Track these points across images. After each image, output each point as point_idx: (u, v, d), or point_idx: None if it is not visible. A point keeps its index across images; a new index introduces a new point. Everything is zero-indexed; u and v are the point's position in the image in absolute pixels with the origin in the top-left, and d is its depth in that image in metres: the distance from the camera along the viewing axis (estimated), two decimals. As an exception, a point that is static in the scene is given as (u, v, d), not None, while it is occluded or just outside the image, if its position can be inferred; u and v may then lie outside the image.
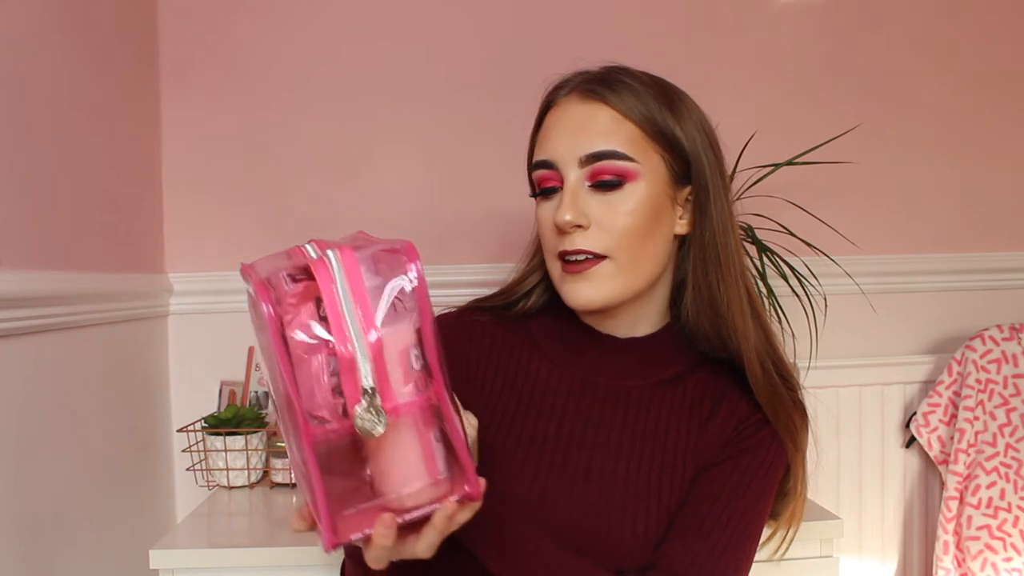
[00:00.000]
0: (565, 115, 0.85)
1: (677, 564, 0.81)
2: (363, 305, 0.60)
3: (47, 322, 1.12)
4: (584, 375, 0.90)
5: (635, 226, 0.83)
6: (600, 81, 0.85)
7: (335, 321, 0.60)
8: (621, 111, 0.83)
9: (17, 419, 1.05)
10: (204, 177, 1.56)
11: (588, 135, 0.83)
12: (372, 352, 0.60)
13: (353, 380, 0.60)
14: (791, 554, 1.21)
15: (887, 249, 1.68)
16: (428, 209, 1.59)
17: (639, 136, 0.83)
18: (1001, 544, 1.51)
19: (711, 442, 0.87)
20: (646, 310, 0.91)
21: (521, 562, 0.78)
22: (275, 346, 0.59)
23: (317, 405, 0.60)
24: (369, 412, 0.60)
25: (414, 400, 0.62)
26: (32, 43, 1.12)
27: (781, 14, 1.65)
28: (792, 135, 1.59)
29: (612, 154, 0.82)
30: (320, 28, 1.57)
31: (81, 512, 1.21)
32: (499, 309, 0.96)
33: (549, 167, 0.85)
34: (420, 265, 0.62)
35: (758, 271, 1.42)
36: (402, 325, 0.62)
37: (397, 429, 0.62)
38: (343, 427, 0.60)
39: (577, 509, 0.83)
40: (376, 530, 0.62)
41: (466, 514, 0.67)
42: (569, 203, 0.82)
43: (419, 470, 0.63)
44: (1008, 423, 1.55)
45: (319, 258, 0.61)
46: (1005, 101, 1.71)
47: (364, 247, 0.63)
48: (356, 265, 0.61)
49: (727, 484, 0.85)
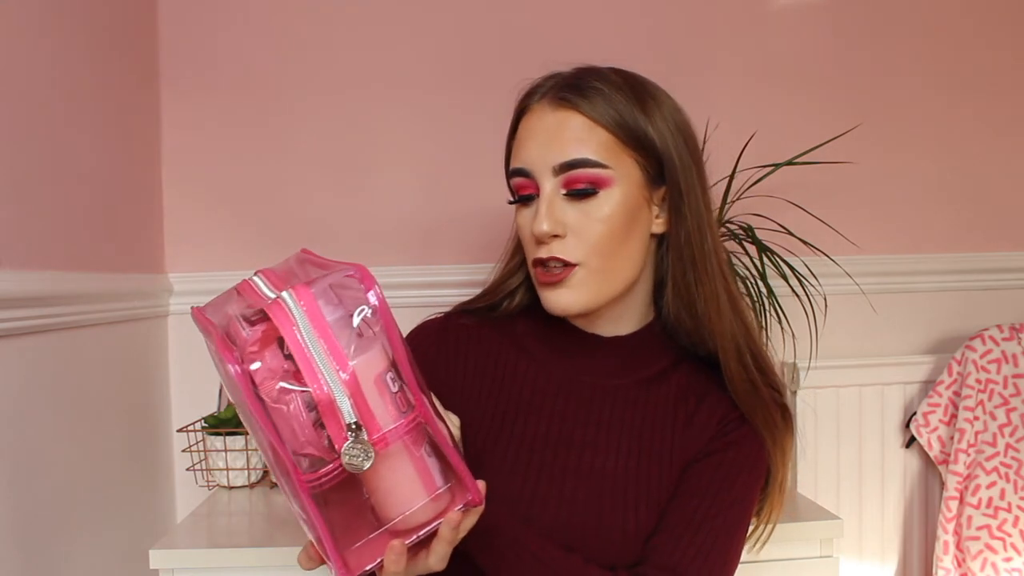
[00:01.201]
0: (539, 123, 0.85)
1: (668, 558, 0.81)
2: (328, 342, 0.59)
3: (47, 322, 1.11)
4: (570, 374, 0.91)
5: (610, 232, 0.83)
6: (571, 87, 0.85)
7: (304, 365, 0.58)
8: (592, 117, 0.83)
9: (17, 419, 1.05)
10: (204, 177, 1.56)
11: (561, 143, 0.83)
12: (349, 388, 0.59)
13: (336, 420, 0.59)
14: (791, 554, 1.22)
15: (887, 249, 1.67)
16: (417, 209, 1.59)
17: (611, 142, 0.83)
18: (1001, 544, 1.51)
19: (696, 437, 0.88)
20: (627, 310, 0.91)
21: (513, 560, 0.78)
22: (251, 405, 0.58)
23: (302, 444, 0.60)
24: (356, 448, 0.59)
25: (399, 425, 0.61)
26: (32, 43, 1.11)
27: (781, 14, 1.65)
28: (792, 135, 1.59)
29: (585, 162, 0.82)
30: (319, 29, 1.57)
31: (81, 512, 1.21)
32: (484, 311, 0.97)
33: (525, 175, 0.85)
34: (379, 288, 0.61)
35: (758, 271, 1.42)
36: (373, 351, 0.61)
37: (388, 455, 0.62)
38: (335, 465, 0.60)
39: (568, 507, 0.84)
40: (387, 558, 0.62)
41: (472, 519, 0.67)
42: (545, 213, 0.83)
43: (417, 490, 0.63)
44: (1008, 423, 1.55)
45: (275, 300, 0.60)
46: (1005, 101, 1.70)
47: (318, 279, 0.61)
48: (314, 301, 0.60)
49: (714, 478, 0.85)
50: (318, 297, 0.60)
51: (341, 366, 0.59)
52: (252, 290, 0.64)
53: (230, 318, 0.62)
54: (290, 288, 0.60)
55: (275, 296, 0.61)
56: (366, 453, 0.59)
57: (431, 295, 1.53)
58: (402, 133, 1.58)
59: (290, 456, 0.59)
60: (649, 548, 0.83)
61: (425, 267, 1.58)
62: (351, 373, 0.59)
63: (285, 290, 0.60)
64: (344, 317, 0.61)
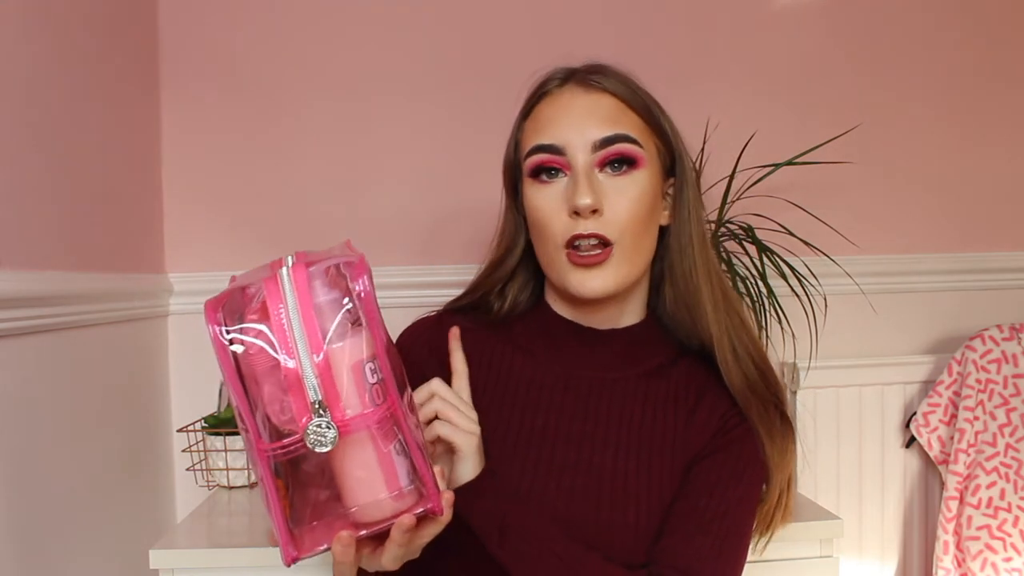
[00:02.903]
0: (571, 102, 0.86)
1: (679, 559, 0.81)
2: (308, 323, 0.61)
3: (47, 322, 1.11)
4: (568, 369, 0.91)
5: (639, 213, 0.84)
6: (597, 73, 0.88)
7: (281, 339, 0.60)
8: (625, 99, 0.86)
9: (17, 419, 1.05)
10: (204, 177, 1.56)
11: (598, 120, 0.84)
12: (319, 368, 0.61)
13: (301, 396, 0.61)
14: (791, 554, 1.22)
15: (887, 249, 1.67)
16: (416, 209, 1.59)
17: (641, 125, 0.86)
18: (1001, 544, 1.51)
19: (699, 432, 0.88)
20: (631, 301, 0.92)
21: (534, 559, 0.78)
22: (222, 362, 0.61)
23: (284, 421, 0.62)
24: (319, 427, 0.60)
25: (367, 413, 0.62)
26: (32, 43, 1.11)
27: (781, 15, 1.65)
28: (792, 135, 1.59)
29: (625, 137, 0.83)
30: (318, 30, 1.57)
31: (81, 512, 1.21)
32: (473, 308, 0.97)
33: (555, 152, 0.84)
34: (367, 280, 0.62)
35: (758, 271, 1.42)
36: (357, 339, 0.62)
37: (352, 443, 0.62)
38: (297, 438, 0.61)
39: (567, 501, 0.84)
40: (334, 547, 0.63)
41: (433, 528, 0.67)
42: (587, 187, 0.82)
43: (377, 483, 0.64)
44: (1008, 423, 1.55)
45: (272, 275, 0.62)
46: (1005, 101, 1.71)
47: (321, 261, 0.63)
48: (307, 282, 0.62)
49: (721, 476, 0.85)
50: (315, 278, 0.62)
51: (315, 348, 0.61)
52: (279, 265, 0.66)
53: (253, 282, 0.64)
54: (290, 266, 0.62)
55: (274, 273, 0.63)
56: (329, 434, 0.61)
57: (430, 295, 1.53)
58: (401, 133, 1.58)
59: (255, 423, 0.61)
60: (659, 549, 0.82)
61: (424, 267, 1.58)
62: (324, 355, 0.61)
63: (284, 267, 0.62)
64: (336, 300, 0.63)
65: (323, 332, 0.61)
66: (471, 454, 0.78)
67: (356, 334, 0.62)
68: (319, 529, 0.64)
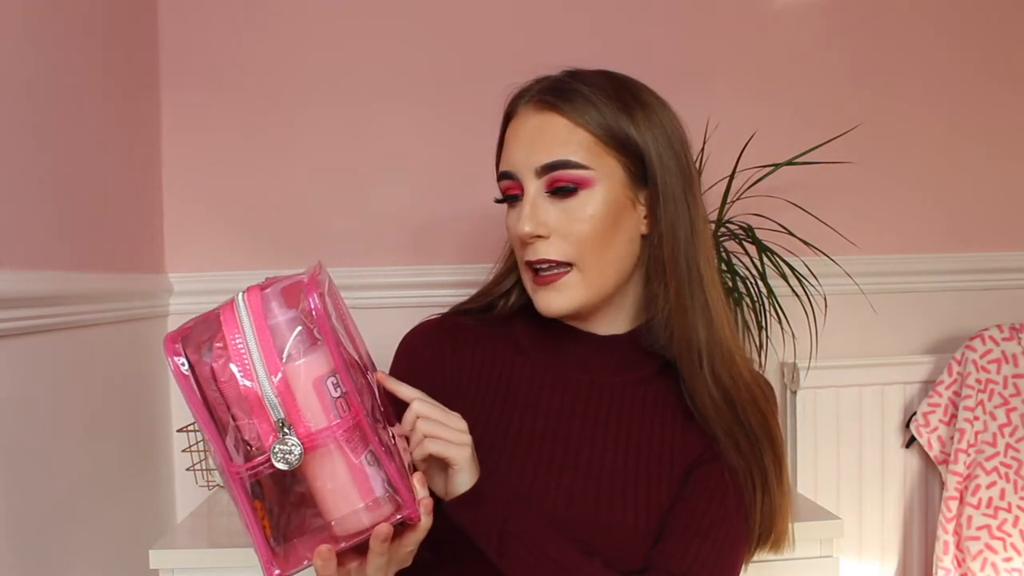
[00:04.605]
0: (522, 126, 0.86)
1: (677, 563, 0.81)
2: (265, 344, 0.62)
3: (47, 322, 1.12)
4: (566, 372, 0.91)
5: (594, 232, 0.84)
6: (554, 91, 0.86)
7: (239, 362, 0.62)
8: (573, 119, 0.84)
9: (17, 419, 1.05)
10: (204, 177, 1.56)
11: (542, 145, 0.84)
12: (278, 387, 0.62)
13: (265, 416, 0.62)
14: (791, 554, 1.22)
15: (887, 249, 1.67)
16: (412, 209, 1.59)
17: (592, 142, 0.84)
18: (1001, 544, 1.51)
19: (698, 436, 0.88)
20: (620, 310, 0.91)
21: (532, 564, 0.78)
22: (184, 391, 0.63)
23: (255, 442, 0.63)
24: (283, 444, 0.62)
25: (333, 426, 0.63)
26: (32, 44, 1.12)
27: (781, 15, 1.65)
28: (792, 135, 1.59)
29: (565, 163, 0.83)
30: (317, 32, 1.57)
31: (81, 512, 1.21)
32: (479, 311, 0.97)
33: (511, 178, 0.87)
34: (317, 297, 0.63)
35: (758, 271, 1.42)
36: (316, 355, 0.63)
37: (321, 456, 0.63)
38: (265, 457, 0.62)
39: (567, 501, 0.84)
40: (315, 561, 0.64)
41: (415, 536, 0.68)
42: (528, 214, 0.84)
43: (350, 495, 0.64)
44: (1008, 423, 1.55)
45: (228, 303, 0.64)
46: (1005, 101, 1.71)
47: (275, 283, 0.65)
48: (261, 304, 0.63)
49: (720, 483, 0.85)
50: (270, 299, 0.64)
51: (272, 368, 0.62)
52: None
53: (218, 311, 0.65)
54: (244, 291, 0.64)
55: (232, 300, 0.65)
56: (295, 451, 0.62)
57: (426, 295, 1.53)
58: (399, 135, 1.59)
59: (223, 446, 0.63)
60: (658, 553, 0.82)
61: (420, 267, 1.58)
62: (282, 374, 0.62)
63: (240, 292, 0.64)
64: (294, 319, 0.64)
65: (280, 351, 0.62)
66: (466, 466, 0.78)
67: (317, 350, 0.64)
68: (302, 544, 0.65)
